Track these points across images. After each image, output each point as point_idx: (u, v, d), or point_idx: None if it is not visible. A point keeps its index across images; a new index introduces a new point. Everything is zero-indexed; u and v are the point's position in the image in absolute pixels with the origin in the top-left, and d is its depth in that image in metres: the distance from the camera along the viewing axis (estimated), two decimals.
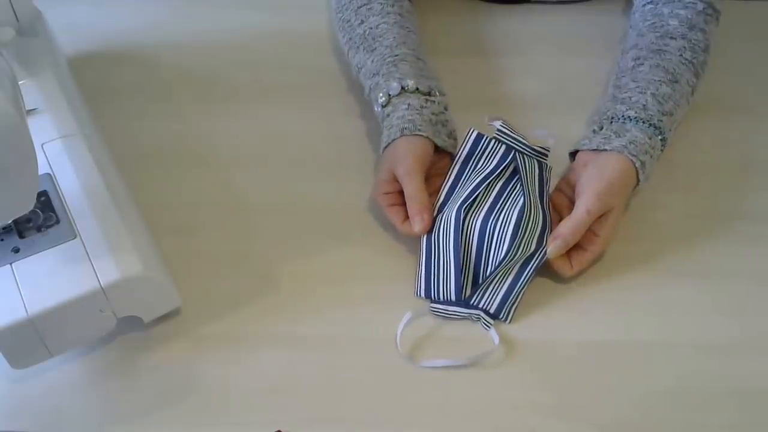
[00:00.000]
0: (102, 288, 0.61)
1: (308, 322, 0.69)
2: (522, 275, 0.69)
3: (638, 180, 0.71)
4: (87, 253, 0.63)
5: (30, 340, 0.61)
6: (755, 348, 0.67)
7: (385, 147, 0.74)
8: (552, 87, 0.88)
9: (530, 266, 0.69)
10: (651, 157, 0.72)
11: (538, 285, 0.71)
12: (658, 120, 0.73)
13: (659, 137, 0.73)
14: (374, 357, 0.67)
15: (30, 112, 0.72)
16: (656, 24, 0.81)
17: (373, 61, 0.80)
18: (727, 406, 0.64)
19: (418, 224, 0.70)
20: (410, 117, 0.74)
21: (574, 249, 0.70)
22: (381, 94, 0.77)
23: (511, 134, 0.75)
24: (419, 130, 0.73)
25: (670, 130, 0.75)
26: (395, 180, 0.72)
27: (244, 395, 0.65)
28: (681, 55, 0.78)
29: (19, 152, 0.54)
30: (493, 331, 0.68)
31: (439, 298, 0.70)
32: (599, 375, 0.66)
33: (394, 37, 0.81)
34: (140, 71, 0.91)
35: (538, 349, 0.67)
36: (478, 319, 0.69)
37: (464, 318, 0.69)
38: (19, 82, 0.66)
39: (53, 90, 0.76)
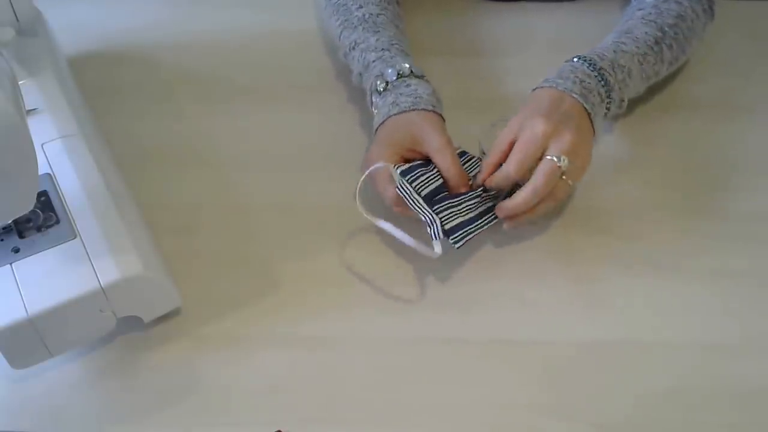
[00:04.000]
0: (102, 288, 0.61)
1: (308, 322, 0.69)
2: (486, 214, 0.70)
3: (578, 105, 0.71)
4: (87, 253, 0.63)
5: (30, 340, 0.61)
6: (755, 348, 0.67)
7: (405, 111, 0.73)
8: None
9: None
10: (576, 76, 0.73)
11: (537, 284, 0.71)
12: (586, 54, 0.75)
13: (582, 61, 0.74)
14: (374, 357, 0.67)
15: (30, 112, 0.72)
16: (636, 7, 0.83)
17: (378, 40, 0.80)
18: (727, 406, 0.64)
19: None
20: (438, 98, 0.76)
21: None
22: (404, 62, 0.76)
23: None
24: (442, 116, 0.75)
25: (603, 55, 0.75)
26: (414, 149, 0.72)
27: (244, 395, 0.65)
28: (642, 18, 0.79)
29: (19, 152, 0.54)
30: (437, 244, 0.67)
31: (412, 183, 0.69)
32: (599, 375, 0.66)
33: (395, 33, 0.82)
34: (140, 71, 0.92)
35: (538, 349, 0.67)
36: (432, 224, 0.68)
37: (419, 213, 0.68)
38: (19, 82, 0.66)
39: (53, 90, 0.76)
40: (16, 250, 0.63)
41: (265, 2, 0.99)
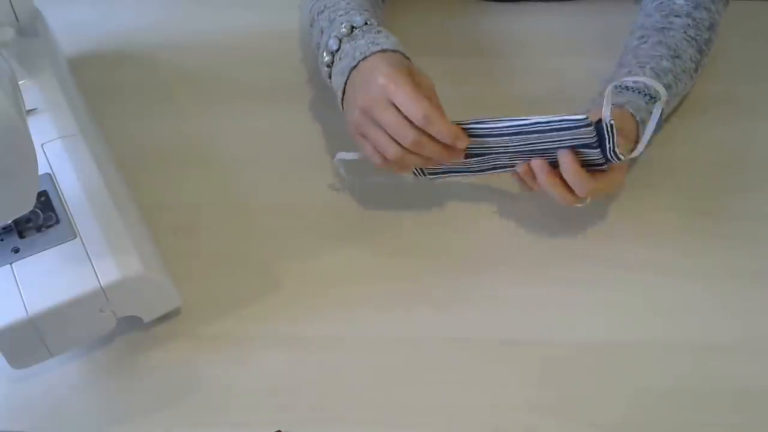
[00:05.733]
0: (102, 288, 0.61)
1: (308, 322, 0.69)
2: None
3: (637, 134, 0.71)
4: (87, 253, 0.63)
5: (30, 340, 0.61)
6: (755, 348, 0.67)
7: (369, 55, 0.69)
8: (552, 87, 0.88)
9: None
10: (648, 114, 0.73)
11: (537, 284, 0.71)
12: (654, 91, 0.74)
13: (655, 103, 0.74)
14: (374, 357, 0.67)
15: (30, 112, 0.72)
16: (663, 3, 0.82)
17: (349, 3, 0.75)
18: (727, 406, 0.64)
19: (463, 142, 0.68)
20: (395, 40, 0.71)
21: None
22: (358, 18, 0.72)
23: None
24: (406, 56, 0.71)
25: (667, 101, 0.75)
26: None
27: (244, 395, 0.65)
28: (685, 32, 0.79)
29: (19, 152, 0.54)
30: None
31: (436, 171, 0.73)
32: (599, 375, 0.66)
33: (361, 3, 0.77)
34: (140, 71, 0.91)
35: (538, 349, 0.67)
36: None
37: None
38: (19, 82, 0.66)
39: (53, 90, 0.76)
40: (16, 250, 0.63)
41: (265, 3, 0.99)
